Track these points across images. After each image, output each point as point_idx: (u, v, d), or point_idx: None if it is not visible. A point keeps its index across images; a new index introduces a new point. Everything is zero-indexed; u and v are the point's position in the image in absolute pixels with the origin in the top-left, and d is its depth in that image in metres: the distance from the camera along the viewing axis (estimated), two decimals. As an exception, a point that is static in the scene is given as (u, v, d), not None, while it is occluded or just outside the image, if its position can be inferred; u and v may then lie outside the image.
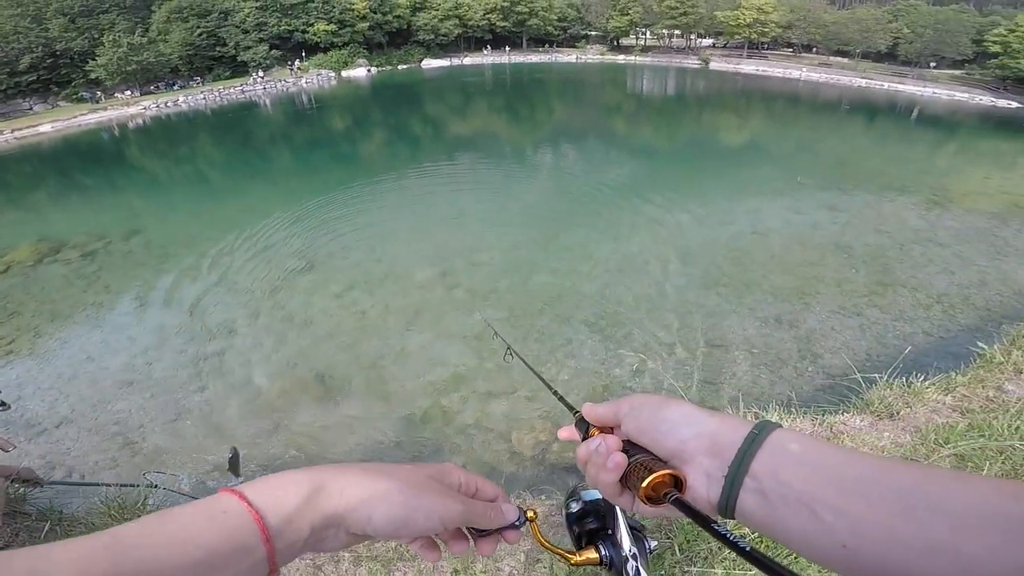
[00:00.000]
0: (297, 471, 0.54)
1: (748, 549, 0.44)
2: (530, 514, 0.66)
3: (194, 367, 8.39)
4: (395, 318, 9.55)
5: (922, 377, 3.64)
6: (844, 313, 9.20)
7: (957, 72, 44.98)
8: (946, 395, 3.39)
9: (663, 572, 2.23)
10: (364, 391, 7.69)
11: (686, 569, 2.24)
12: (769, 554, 0.42)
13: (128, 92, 42.36)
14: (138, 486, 3.69)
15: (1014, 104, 37.02)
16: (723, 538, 0.46)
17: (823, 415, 3.49)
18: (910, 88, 42.24)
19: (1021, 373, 3.43)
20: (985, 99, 38.79)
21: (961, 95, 40.04)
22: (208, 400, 7.60)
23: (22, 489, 3.27)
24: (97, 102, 40.51)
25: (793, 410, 3.56)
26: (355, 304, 10.13)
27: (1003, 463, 2.66)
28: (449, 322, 9.31)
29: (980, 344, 3.99)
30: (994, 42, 38.11)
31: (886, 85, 43.44)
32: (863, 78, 45.04)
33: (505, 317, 9.44)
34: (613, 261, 11.46)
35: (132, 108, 39.92)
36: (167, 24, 45.06)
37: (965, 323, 8.80)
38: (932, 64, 45.28)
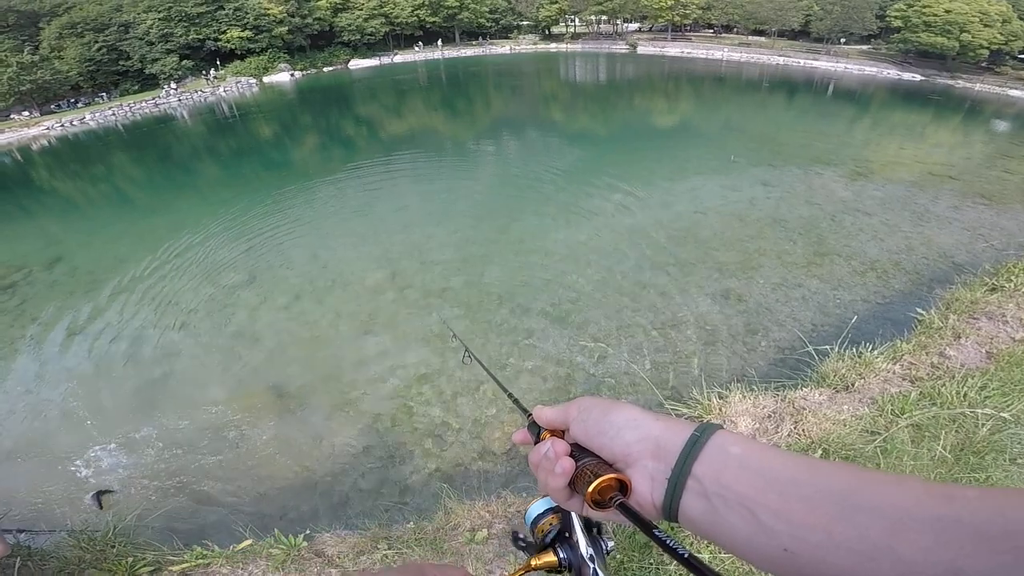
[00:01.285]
0: None
1: (687, 556, 0.44)
2: None
3: (143, 394, 7.98)
4: (348, 325, 9.33)
5: (870, 347, 3.80)
6: (787, 285, 9.63)
7: (865, 47, 47.85)
8: (894, 364, 3.56)
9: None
10: (326, 401, 7.48)
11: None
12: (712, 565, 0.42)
13: (26, 113, 39.12)
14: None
15: (918, 77, 39.88)
16: (663, 544, 0.46)
17: (784, 391, 3.58)
18: (824, 64, 44.68)
19: (960, 338, 3.64)
20: (892, 72, 41.59)
21: (870, 69, 42.74)
22: (161, 427, 7.21)
23: None
24: (-9, 125, 37.27)
25: (755, 388, 3.64)
26: (304, 315, 9.82)
27: (957, 431, 2.80)
28: (406, 324, 9.16)
29: (919, 310, 4.21)
30: (895, 16, 40.62)
31: (802, 62, 45.76)
32: (780, 56, 47.23)
33: (462, 314, 9.38)
34: (564, 249, 11.57)
35: (33, 129, 36.91)
36: (60, 40, 41.53)
37: (899, 288, 9.39)
38: (842, 40, 47.93)
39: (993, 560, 0.34)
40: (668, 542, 0.46)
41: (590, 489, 0.54)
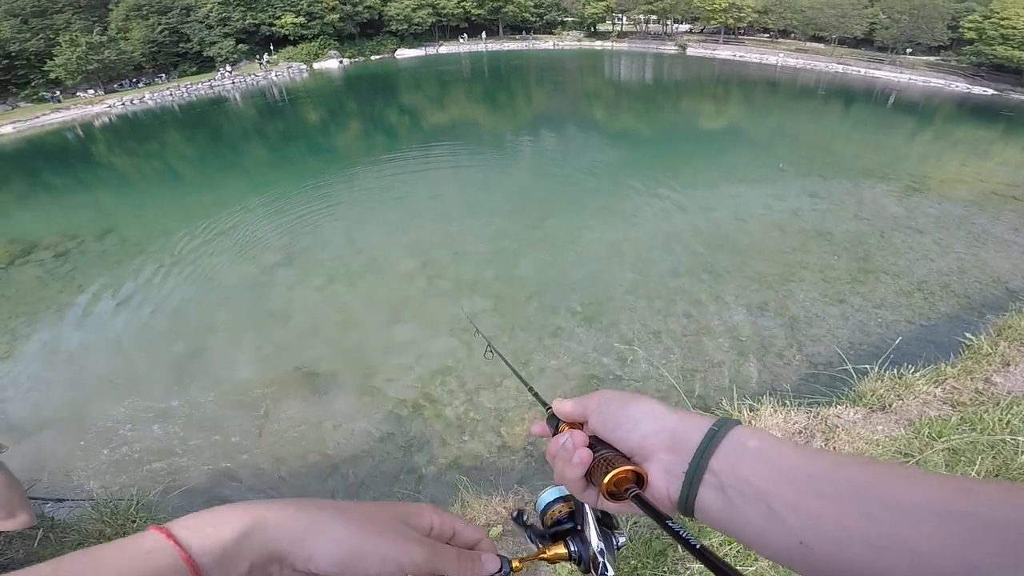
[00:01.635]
0: (235, 505, 0.50)
1: (698, 547, 0.44)
2: (515, 564, 0.62)
3: (176, 367, 8.23)
4: (379, 311, 9.44)
5: (912, 368, 3.64)
6: (827, 300, 9.28)
7: (933, 59, 45.35)
8: (936, 387, 3.40)
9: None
10: (350, 385, 7.60)
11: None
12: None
13: (91, 91, 41.15)
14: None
15: (989, 91, 37.46)
16: (676, 534, 0.46)
17: (817, 408, 3.47)
18: (886, 74, 42.59)
19: (1008, 365, 3.45)
20: (961, 86, 39.17)
21: (937, 82, 40.41)
22: (191, 400, 7.44)
23: None
24: (59, 102, 39.33)
25: (787, 402, 3.53)
26: (337, 297, 10.01)
27: (994, 458, 2.66)
28: (435, 313, 9.22)
29: (967, 335, 4.00)
30: (969, 28, 38.29)
31: (862, 71, 43.81)
32: (840, 64, 45.37)
33: (492, 307, 9.38)
34: (599, 248, 11.44)
35: (96, 107, 38.82)
36: (126, 22, 43.70)
37: (946, 311, 8.91)
38: (908, 51, 45.60)
39: (1010, 556, 0.34)
40: (681, 533, 0.46)
41: (606, 480, 0.54)
